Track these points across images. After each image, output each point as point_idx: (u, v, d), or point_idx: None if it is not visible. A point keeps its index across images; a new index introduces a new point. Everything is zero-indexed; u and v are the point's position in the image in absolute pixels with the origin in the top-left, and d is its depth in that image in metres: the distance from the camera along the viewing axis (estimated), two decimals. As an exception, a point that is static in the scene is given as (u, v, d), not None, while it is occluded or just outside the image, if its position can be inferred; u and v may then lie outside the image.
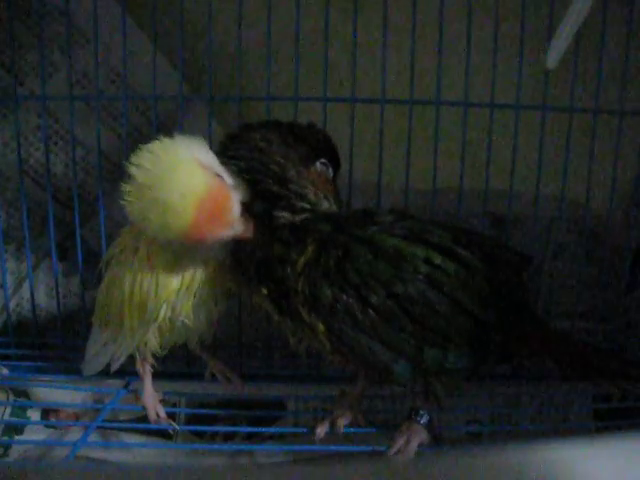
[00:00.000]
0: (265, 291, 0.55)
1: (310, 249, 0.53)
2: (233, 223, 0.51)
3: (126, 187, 0.50)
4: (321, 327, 0.52)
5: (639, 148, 0.73)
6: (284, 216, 0.55)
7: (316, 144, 0.58)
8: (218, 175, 0.52)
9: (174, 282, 0.57)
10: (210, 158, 0.53)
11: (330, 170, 0.59)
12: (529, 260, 0.61)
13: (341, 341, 0.53)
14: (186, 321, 0.60)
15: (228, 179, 0.53)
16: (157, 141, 0.51)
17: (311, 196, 0.56)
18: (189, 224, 0.49)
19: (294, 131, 0.57)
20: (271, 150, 0.55)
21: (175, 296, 0.57)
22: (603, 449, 0.46)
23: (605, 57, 0.70)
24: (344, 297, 0.51)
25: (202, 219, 0.49)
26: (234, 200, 0.52)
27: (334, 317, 0.52)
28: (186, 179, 0.49)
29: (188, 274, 0.57)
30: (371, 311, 0.51)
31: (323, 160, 0.58)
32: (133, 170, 0.50)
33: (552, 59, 0.55)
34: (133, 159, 0.50)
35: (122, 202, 0.50)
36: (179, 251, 0.56)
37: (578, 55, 0.69)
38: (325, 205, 0.57)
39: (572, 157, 0.72)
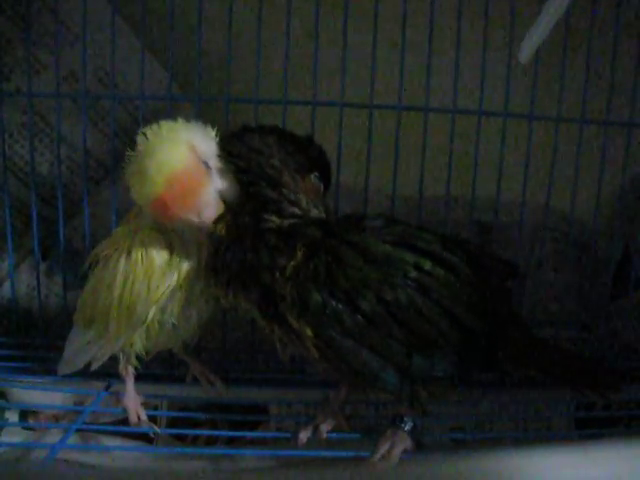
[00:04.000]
0: (252, 297, 0.54)
1: (299, 254, 0.53)
2: (201, 209, 0.53)
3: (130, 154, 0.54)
4: (309, 333, 0.52)
5: (624, 158, 0.74)
6: (273, 220, 0.54)
7: (312, 157, 0.58)
8: (204, 162, 0.54)
9: (166, 284, 0.56)
10: (208, 147, 0.55)
11: (321, 185, 0.59)
12: (515, 268, 0.61)
13: (329, 347, 0.52)
14: (175, 322, 0.59)
15: (215, 170, 0.54)
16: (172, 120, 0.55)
17: (303, 203, 0.56)
18: (157, 194, 0.51)
19: (293, 139, 0.58)
20: (269, 153, 0.55)
21: (166, 298, 0.57)
22: (585, 456, 0.46)
23: (592, 68, 0.71)
24: (333, 302, 0.51)
25: (170, 193, 0.51)
26: (209, 187, 0.53)
27: (322, 322, 0.51)
28: (168, 153, 0.52)
29: (181, 275, 0.57)
30: (360, 317, 0.51)
31: (316, 174, 0.58)
32: (139, 139, 0.54)
33: (525, 54, 0.55)
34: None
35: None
36: (175, 247, 0.56)
37: (564, 65, 0.70)
38: (315, 213, 0.56)
39: (558, 166, 0.72)
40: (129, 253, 0.57)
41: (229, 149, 0.56)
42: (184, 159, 0.52)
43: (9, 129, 0.77)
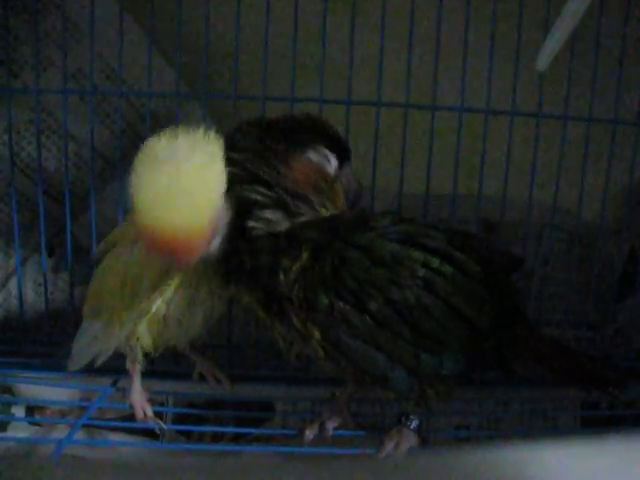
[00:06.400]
0: (256, 297, 0.54)
1: (305, 255, 0.51)
2: (198, 251, 0.46)
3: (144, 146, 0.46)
4: (317, 334, 0.51)
5: (631, 157, 0.74)
6: (260, 227, 0.52)
7: (305, 133, 0.54)
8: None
9: (169, 276, 0.56)
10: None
11: (332, 160, 0.55)
12: (520, 261, 0.61)
13: (337, 348, 0.52)
14: (181, 319, 0.59)
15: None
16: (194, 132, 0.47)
17: (305, 202, 0.53)
18: (165, 226, 0.44)
19: (269, 127, 0.54)
20: (257, 156, 0.52)
21: (171, 292, 0.57)
22: (589, 450, 0.46)
23: (600, 66, 0.71)
24: (341, 304, 0.50)
25: (180, 235, 0.44)
26: (215, 237, 0.48)
27: (330, 324, 0.51)
28: (202, 195, 0.45)
29: (187, 271, 0.56)
30: (368, 317, 0.50)
31: (318, 148, 0.54)
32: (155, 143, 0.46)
33: (543, 61, 0.55)
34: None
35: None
36: None
37: (573, 64, 0.70)
38: (319, 206, 0.54)
39: (565, 165, 0.72)
40: (134, 242, 0.56)
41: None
42: (212, 208, 0.45)
43: (17, 126, 0.77)
